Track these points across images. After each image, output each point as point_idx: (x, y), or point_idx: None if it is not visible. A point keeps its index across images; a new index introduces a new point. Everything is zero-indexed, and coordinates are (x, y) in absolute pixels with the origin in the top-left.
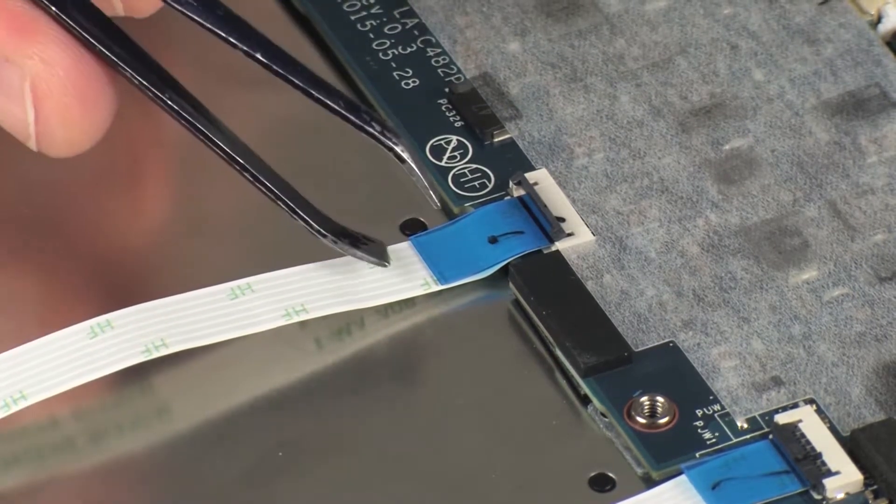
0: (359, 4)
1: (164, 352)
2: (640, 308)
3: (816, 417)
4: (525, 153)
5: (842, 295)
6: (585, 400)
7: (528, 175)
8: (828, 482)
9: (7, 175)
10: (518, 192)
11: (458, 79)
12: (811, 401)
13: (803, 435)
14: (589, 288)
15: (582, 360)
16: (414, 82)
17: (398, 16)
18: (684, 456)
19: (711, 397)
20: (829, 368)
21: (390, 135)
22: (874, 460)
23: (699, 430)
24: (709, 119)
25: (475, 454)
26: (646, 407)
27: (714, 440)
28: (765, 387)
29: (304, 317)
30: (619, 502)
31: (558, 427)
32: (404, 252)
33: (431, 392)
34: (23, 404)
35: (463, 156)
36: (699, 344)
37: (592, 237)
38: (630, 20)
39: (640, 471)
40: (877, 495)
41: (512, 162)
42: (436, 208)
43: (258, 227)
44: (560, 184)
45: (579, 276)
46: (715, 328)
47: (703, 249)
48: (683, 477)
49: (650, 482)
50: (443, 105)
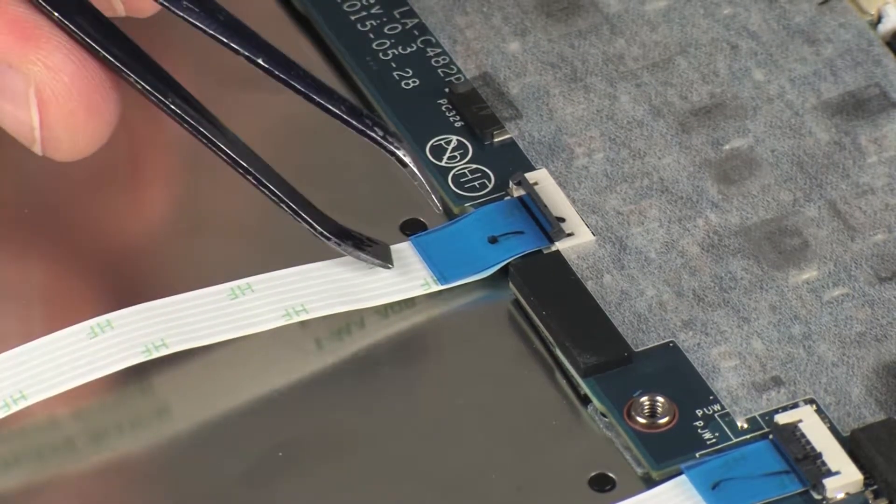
0: (359, 4)
1: (164, 352)
2: (640, 308)
3: (816, 417)
4: (525, 153)
5: (842, 295)
6: (585, 400)
7: (528, 175)
8: (828, 482)
9: (7, 175)
10: (518, 192)
11: (458, 79)
12: (811, 401)
13: (803, 435)
14: (589, 288)
15: (582, 360)
16: (414, 82)
17: (398, 16)
18: (684, 456)
19: (711, 397)
20: (829, 368)
21: (392, 139)
22: (874, 460)
23: (699, 430)
24: (709, 119)
25: (475, 454)
26: (646, 407)
27: (714, 440)
28: (765, 387)
29: (304, 317)
30: (619, 502)
31: (558, 427)
32: (404, 252)
33: (431, 392)
34: (23, 404)
35: (463, 156)
36: (699, 344)
37: (592, 237)
38: (630, 20)
39: (640, 471)
40: (877, 495)
41: (512, 162)
42: (438, 212)
43: (258, 227)
44: (560, 184)
45: (579, 276)
46: (715, 328)
47: (703, 249)
48: (683, 477)
49: (650, 482)
50: (443, 105)
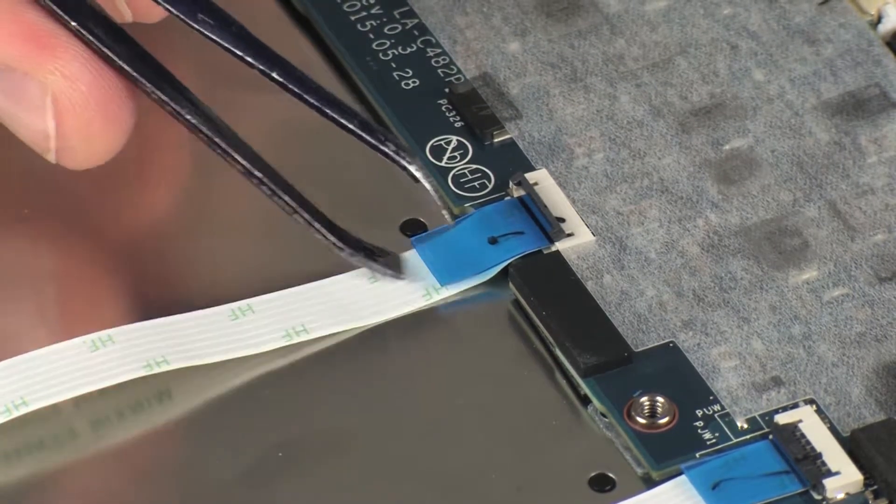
0: (359, 5)
1: (166, 368)
2: (640, 308)
3: (816, 417)
4: (525, 153)
5: (842, 295)
6: (585, 400)
7: (528, 175)
8: (828, 482)
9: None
10: (518, 193)
11: (458, 79)
12: (811, 401)
13: (803, 435)
14: (589, 288)
15: (582, 361)
16: (414, 82)
17: (398, 16)
18: (684, 456)
19: (711, 397)
20: (829, 368)
21: (404, 154)
22: (874, 460)
23: (699, 431)
24: (709, 119)
25: (475, 454)
26: (646, 407)
27: (714, 440)
28: (765, 387)
29: (305, 337)
30: (619, 502)
31: (558, 427)
32: (409, 263)
33: (431, 392)
34: (24, 410)
35: (463, 156)
36: (699, 344)
37: (592, 237)
38: (630, 20)
39: (640, 471)
40: (877, 495)
41: (512, 162)
42: (447, 217)
43: (263, 231)
44: (560, 184)
45: (579, 277)
46: (715, 328)
47: (703, 249)
48: (683, 477)
49: (650, 482)
50: (443, 105)
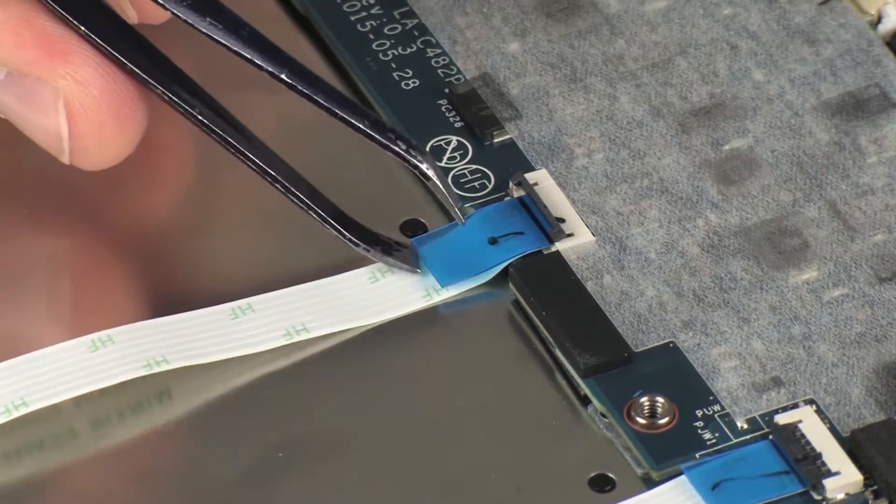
0: (359, 5)
1: (165, 367)
2: (640, 308)
3: (816, 418)
4: (525, 153)
5: (842, 295)
6: (585, 400)
7: (528, 175)
8: (828, 482)
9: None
10: (518, 193)
11: (458, 79)
12: (811, 401)
13: (803, 435)
14: (589, 288)
15: (582, 361)
16: (414, 83)
17: (398, 16)
18: (684, 456)
19: (711, 398)
20: (829, 369)
21: (415, 153)
22: (874, 460)
23: (699, 431)
24: (709, 119)
25: (475, 454)
26: (646, 407)
27: (714, 440)
28: (765, 387)
29: (305, 336)
30: (619, 502)
31: (558, 427)
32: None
33: (431, 392)
34: (24, 410)
35: (463, 156)
36: (699, 344)
37: (592, 238)
38: (630, 20)
39: (640, 471)
40: (877, 495)
41: (512, 162)
42: (462, 224)
43: (260, 243)
44: (560, 184)
45: (579, 277)
46: (715, 328)
47: (703, 250)
48: (683, 477)
49: (650, 482)
50: (443, 105)
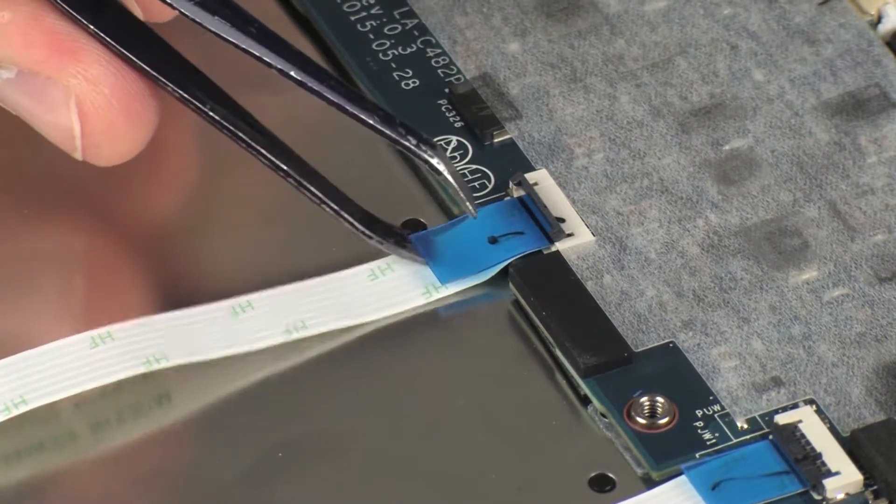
0: (359, 4)
1: (165, 364)
2: (640, 308)
3: (816, 418)
4: (525, 153)
5: (842, 295)
6: (585, 400)
7: (528, 175)
8: (828, 482)
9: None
10: (518, 193)
11: (458, 79)
12: (811, 401)
13: (803, 435)
14: (589, 288)
15: (582, 361)
16: (414, 83)
17: (398, 16)
18: (684, 456)
19: (711, 397)
20: (829, 369)
21: (426, 148)
22: (874, 460)
23: (699, 431)
24: (709, 119)
25: (475, 454)
26: (646, 407)
27: (714, 440)
28: (765, 387)
29: (305, 333)
30: (619, 502)
31: (558, 427)
32: (405, 262)
33: (431, 392)
34: (23, 408)
35: (463, 156)
36: (699, 344)
37: (592, 237)
38: (630, 20)
39: (640, 471)
40: (877, 495)
41: (512, 162)
42: (474, 217)
43: (261, 229)
44: (560, 184)
45: (579, 277)
46: (715, 328)
47: (703, 250)
48: (683, 477)
49: (650, 482)
50: (443, 105)
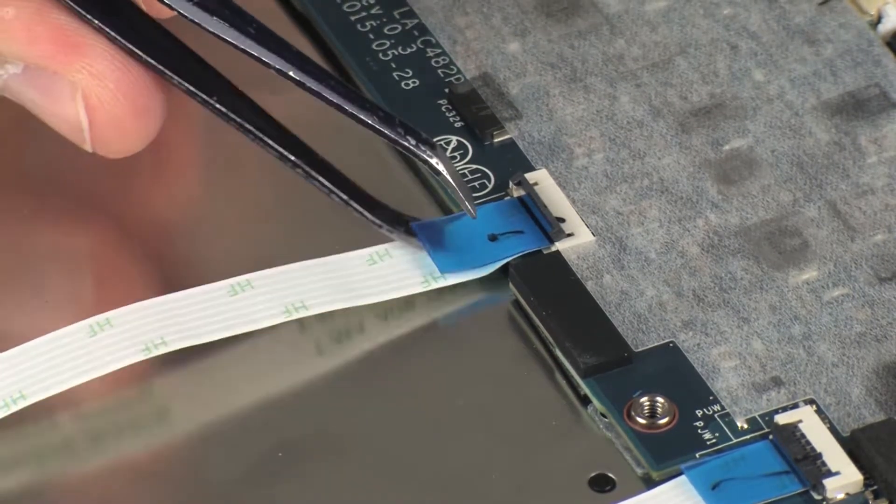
0: (359, 5)
1: (164, 350)
2: (640, 308)
3: (816, 418)
4: (525, 153)
5: (842, 295)
6: (585, 400)
7: (528, 175)
8: (828, 482)
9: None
10: (518, 193)
11: (458, 79)
12: (811, 401)
13: (803, 435)
14: (589, 288)
15: (582, 361)
16: (414, 83)
17: (398, 16)
18: (684, 456)
19: (711, 397)
20: (829, 369)
21: (426, 148)
22: (874, 460)
23: (699, 431)
24: (709, 119)
25: (475, 454)
26: (646, 407)
27: (714, 440)
28: (765, 387)
29: (304, 313)
30: (619, 502)
31: (558, 427)
32: (406, 249)
33: (431, 392)
34: (22, 404)
35: (463, 156)
36: (699, 344)
37: (592, 237)
38: (630, 20)
39: (640, 471)
40: (877, 495)
41: (512, 162)
42: (473, 218)
43: (259, 223)
44: (560, 184)
45: (579, 277)
46: (715, 328)
47: (703, 250)
48: (683, 477)
49: (650, 482)
50: (443, 105)
